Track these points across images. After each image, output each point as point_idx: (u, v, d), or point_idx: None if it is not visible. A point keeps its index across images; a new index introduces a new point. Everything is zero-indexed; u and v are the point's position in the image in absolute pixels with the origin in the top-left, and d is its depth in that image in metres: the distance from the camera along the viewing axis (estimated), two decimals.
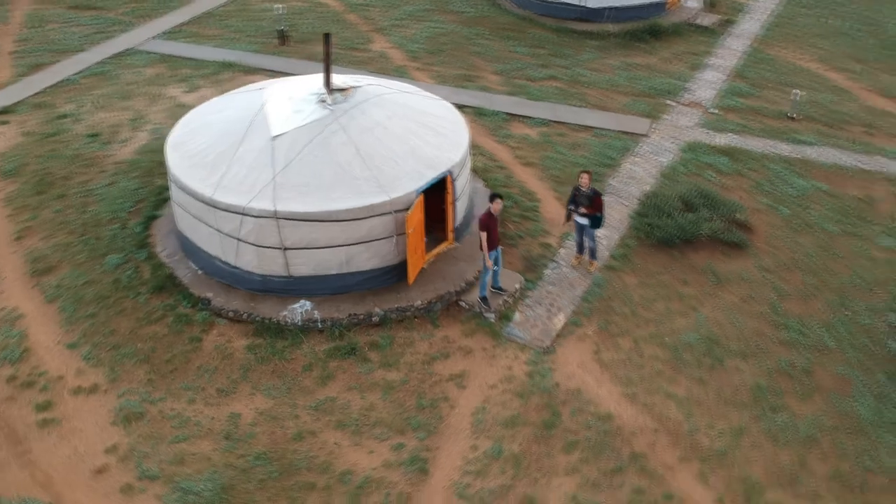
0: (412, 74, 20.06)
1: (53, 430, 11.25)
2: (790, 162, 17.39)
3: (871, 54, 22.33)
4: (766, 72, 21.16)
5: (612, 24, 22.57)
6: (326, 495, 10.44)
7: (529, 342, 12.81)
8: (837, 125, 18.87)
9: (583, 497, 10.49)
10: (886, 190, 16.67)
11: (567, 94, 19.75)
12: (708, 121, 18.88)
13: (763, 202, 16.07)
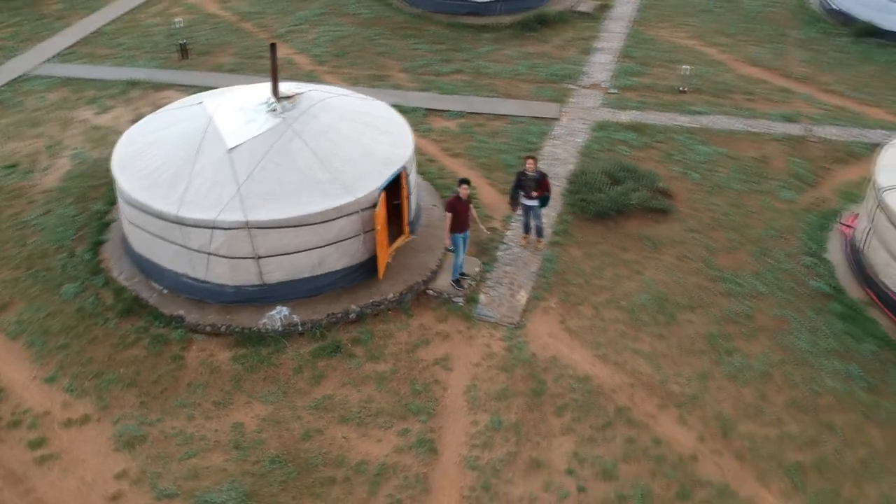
0: (323, 78, 20.36)
1: (54, 464, 11.07)
2: (691, 131, 18.99)
3: (734, 28, 24.47)
4: (649, 51, 22.83)
5: (503, 16, 23.62)
6: (348, 487, 10.85)
7: (500, 320, 13.61)
8: (722, 94, 20.69)
9: (582, 453, 11.40)
10: (776, 148, 18.52)
11: (475, 85, 20.63)
12: (609, 100, 20.26)
13: (675, 170, 17.52)
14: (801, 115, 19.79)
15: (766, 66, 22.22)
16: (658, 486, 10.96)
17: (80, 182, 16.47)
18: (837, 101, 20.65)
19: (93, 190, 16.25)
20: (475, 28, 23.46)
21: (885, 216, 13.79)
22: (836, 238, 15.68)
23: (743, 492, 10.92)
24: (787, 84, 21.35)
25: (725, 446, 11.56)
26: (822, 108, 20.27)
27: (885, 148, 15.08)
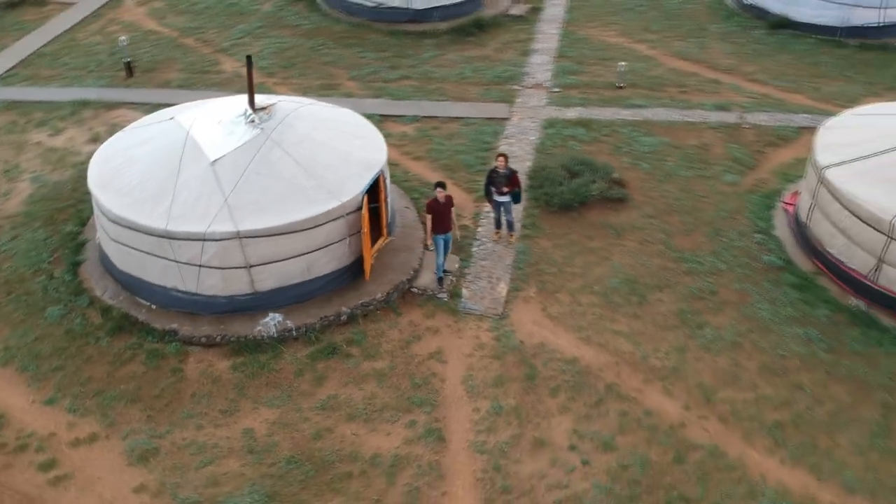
0: (274, 89, 20.56)
1: (69, 484, 11.10)
2: (634, 124, 20.01)
3: (658, 25, 25.75)
4: (583, 50, 23.85)
5: (441, 23, 24.27)
6: (365, 480, 11.26)
7: (484, 312, 14.20)
8: (657, 88, 21.83)
9: (581, 429, 12.10)
10: (713, 136, 19.71)
11: (425, 90, 21.20)
12: (554, 99, 21.13)
13: (626, 161, 18.48)
14: (732, 104, 21.08)
15: (693, 59, 23.52)
16: (654, 454, 11.74)
17: (44, 205, 16.27)
18: (762, 89, 22.05)
19: (59, 212, 16.09)
20: (415, 35, 24.02)
21: (827, 192, 15.00)
22: (780, 215, 16.88)
23: (731, 452, 11.80)
24: (714, 75, 22.66)
25: (709, 412, 12.44)
26: (749, 96, 21.62)
27: (821, 130, 16.35)
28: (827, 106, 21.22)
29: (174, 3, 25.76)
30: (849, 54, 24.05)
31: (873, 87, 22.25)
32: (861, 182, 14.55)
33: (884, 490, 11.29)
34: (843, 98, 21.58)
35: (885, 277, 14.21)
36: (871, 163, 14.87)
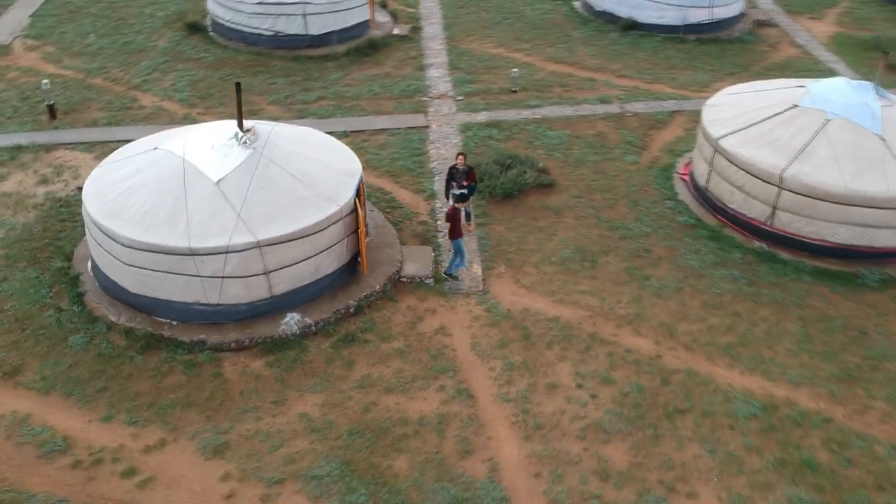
0: (201, 119, 21.44)
1: (156, 485, 11.97)
2: (536, 122, 22.64)
3: (527, 35, 28.68)
4: (471, 61, 26.29)
5: (338, 45, 25.92)
6: (420, 438, 12.90)
7: (469, 291, 16.17)
8: (544, 89, 24.63)
9: (581, 371, 14.33)
10: (605, 125, 22.70)
11: (344, 108, 22.81)
12: (461, 106, 23.39)
13: (541, 153, 21.02)
14: (611, 97, 24.24)
15: (566, 62, 26.57)
16: (645, 381, 14.18)
17: (22, 246, 16.50)
18: (629, 82, 25.40)
19: (40, 251, 16.41)
20: (316, 59, 25.52)
21: (723, 158, 18.18)
22: (679, 184, 19.99)
23: (701, 371, 14.44)
24: (588, 74, 25.80)
25: (675, 343, 15.06)
26: (622, 89, 24.89)
27: (705, 109, 19.57)
28: (685, 92, 24.89)
29: (65, 46, 25.75)
30: (690, 48, 28.03)
31: (717, 74, 26.21)
32: (750, 147, 17.82)
33: (818, 380, 14.31)
34: (696, 84, 25.35)
35: (780, 221, 17.52)
36: (753, 131, 18.19)
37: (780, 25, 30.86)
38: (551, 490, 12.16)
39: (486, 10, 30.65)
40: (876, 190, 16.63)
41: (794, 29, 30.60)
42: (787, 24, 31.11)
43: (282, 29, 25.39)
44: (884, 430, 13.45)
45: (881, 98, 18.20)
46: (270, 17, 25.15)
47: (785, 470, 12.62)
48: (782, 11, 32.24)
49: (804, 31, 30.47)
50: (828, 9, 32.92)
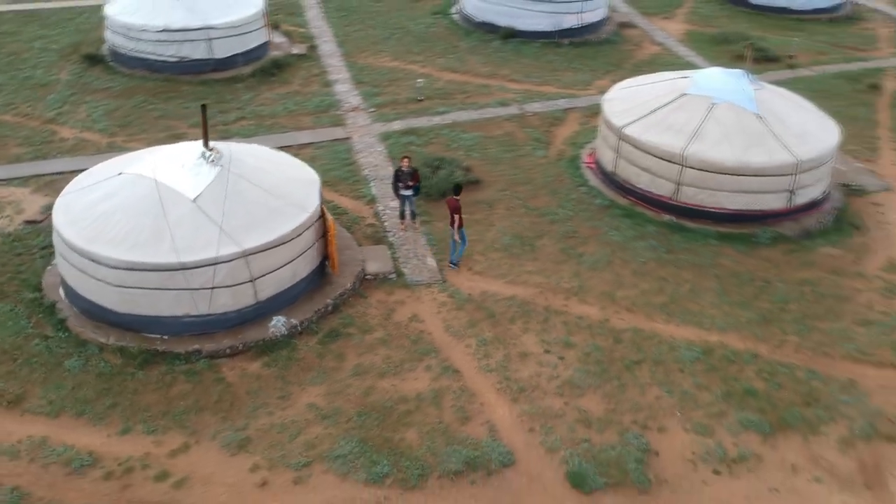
0: (128, 147, 21.73)
1: (192, 483, 12.71)
2: (448, 126, 24.37)
3: (417, 48, 30.40)
4: (372, 75, 27.72)
5: (243, 67, 26.66)
6: (422, 412, 14.24)
7: (429, 281, 17.63)
8: (447, 97, 26.41)
9: (545, 339, 16.10)
10: (510, 125, 24.75)
11: (265, 126, 23.68)
12: (375, 117, 24.79)
13: (461, 154, 22.75)
14: (508, 100, 26.34)
15: (460, 71, 28.49)
16: (600, 341, 16.13)
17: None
18: (521, 86, 27.62)
19: (5, 285, 16.49)
20: (224, 81, 26.16)
21: (628, 144, 20.54)
22: (587, 172, 22.24)
23: (645, 328, 16.55)
24: (482, 81, 27.81)
25: (617, 308, 17.12)
26: (516, 92, 27.05)
27: (604, 104, 21.91)
28: (572, 91, 27.39)
29: None
30: (566, 51, 30.66)
31: (595, 73, 28.93)
32: (651, 132, 20.26)
33: (740, 324, 16.72)
34: (580, 84, 27.92)
35: (684, 195, 20.04)
36: (651, 119, 20.66)
37: (639, 26, 34.14)
38: (546, 441, 13.82)
39: (372, 27, 32.14)
40: (761, 161, 19.42)
41: (652, 28, 33.95)
42: (645, 24, 34.45)
43: (187, 54, 25.88)
44: (800, 358, 15.99)
45: (752, 83, 21.14)
46: (175, 43, 25.59)
47: (731, 399, 14.86)
48: (638, 13, 35.62)
49: (660, 30, 33.88)
50: (676, 9, 36.64)
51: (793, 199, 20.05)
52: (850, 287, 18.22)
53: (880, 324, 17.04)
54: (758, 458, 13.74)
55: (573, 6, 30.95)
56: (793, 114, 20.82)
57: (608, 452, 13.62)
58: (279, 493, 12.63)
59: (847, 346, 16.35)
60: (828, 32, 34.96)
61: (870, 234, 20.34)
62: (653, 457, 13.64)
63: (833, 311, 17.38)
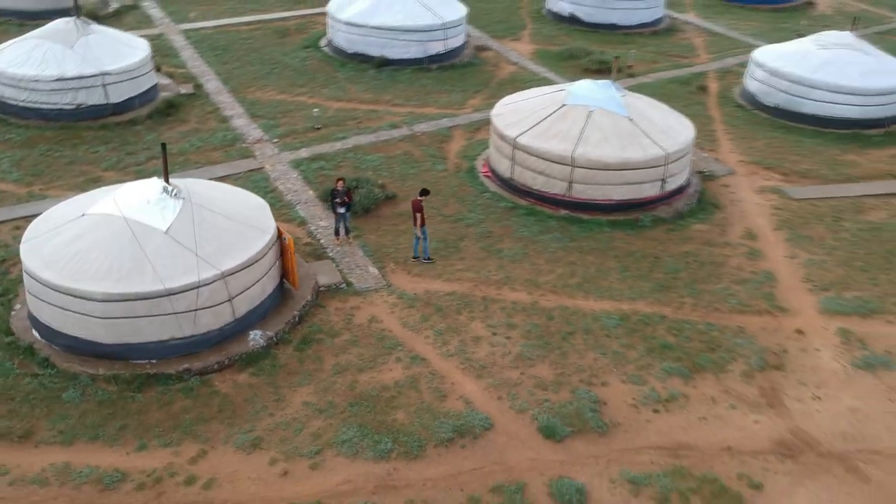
0: (48, 195, 22.17)
1: (219, 483, 13.99)
2: (352, 150, 26.31)
3: (300, 80, 31.98)
4: (264, 108, 29.16)
5: (140, 108, 27.36)
6: (405, 396, 16.15)
7: (376, 287, 19.54)
8: (342, 123, 28.33)
9: (490, 323, 18.43)
10: (406, 145, 27.02)
11: (178, 163, 24.59)
12: (281, 146, 26.33)
13: (371, 174, 24.74)
14: (397, 123, 28.61)
15: (344, 99, 30.48)
16: (536, 320, 18.66)
17: None
18: (404, 109, 29.97)
19: None
20: (124, 124, 26.75)
21: (523, 152, 23.36)
22: (486, 181, 24.87)
23: (569, 305, 19.26)
24: (369, 107, 29.94)
25: (543, 291, 19.75)
26: (401, 116, 29.37)
27: (494, 119, 24.61)
28: (450, 111, 30.08)
29: None
30: (436, 75, 33.36)
31: (466, 93, 31.78)
32: (542, 140, 23.17)
33: (644, 293, 19.77)
34: (455, 104, 30.67)
35: (576, 191, 23.05)
36: (539, 128, 23.58)
37: (492, 48, 37.44)
38: (514, 405, 16.12)
39: (250, 63, 33.51)
40: (638, 156, 22.75)
41: (505, 50, 37.34)
42: (498, 46, 37.81)
43: (84, 101, 26.34)
44: (697, 315, 19.20)
45: (619, 91, 24.57)
46: (71, 91, 26.01)
47: (653, 353, 17.78)
48: (489, 37, 38.95)
49: (512, 50, 37.32)
50: (520, 31, 40.32)
51: (664, 186, 23.55)
52: (722, 254, 21.79)
53: (752, 281, 20.62)
54: (685, 396, 16.66)
55: (437, 34, 33.71)
56: (655, 114, 24.41)
57: (567, 407, 16.09)
58: (301, 480, 14.17)
59: (731, 301, 19.75)
60: (653, 44, 39.71)
61: (727, 210, 24.19)
62: (603, 406, 16.25)
63: (713, 274, 20.82)
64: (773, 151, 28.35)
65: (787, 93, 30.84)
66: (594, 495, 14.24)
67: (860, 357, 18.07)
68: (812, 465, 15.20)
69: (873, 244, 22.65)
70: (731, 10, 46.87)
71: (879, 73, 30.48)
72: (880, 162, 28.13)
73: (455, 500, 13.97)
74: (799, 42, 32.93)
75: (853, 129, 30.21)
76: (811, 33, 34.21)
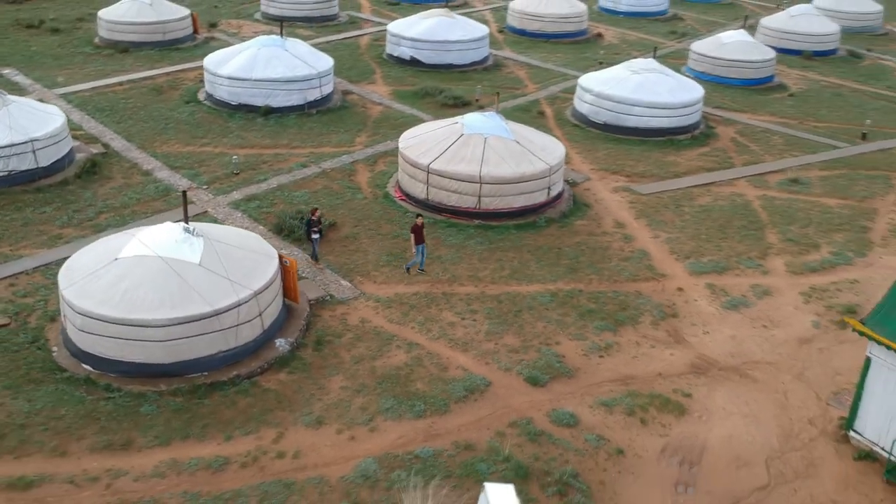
0: (18, 255, 23.86)
1: (306, 453, 17.32)
2: (278, 189, 29.61)
3: (199, 132, 34.45)
4: (179, 160, 31.58)
5: (68, 168, 29.11)
6: (416, 372, 20.16)
7: (354, 296, 23.35)
8: (256, 167, 31.49)
9: (457, 311, 22.86)
10: (322, 181, 30.75)
11: (125, 215, 26.76)
12: (214, 191, 29.18)
13: (305, 208, 28.29)
14: (305, 163, 32.25)
15: (247, 146, 33.50)
16: (490, 304, 23.30)
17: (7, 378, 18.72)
18: (304, 150, 33.58)
19: (31, 374, 18.87)
20: (56, 185, 28.26)
21: (437, 176, 28.03)
22: (402, 203, 29.23)
23: (510, 290, 24.05)
24: (273, 151, 33.25)
25: (485, 283, 24.41)
26: (304, 156, 32.97)
27: (404, 150, 29.06)
28: (345, 148, 34.15)
29: None
30: (318, 118, 37.25)
31: (350, 132, 35.92)
32: (451, 164, 27.96)
33: (560, 275, 25.05)
34: (346, 142, 34.77)
35: (485, 203, 28.02)
36: (446, 155, 28.33)
37: (355, 92, 41.80)
38: (500, 366, 20.64)
39: (142, 120, 35.66)
40: (530, 170, 28.12)
41: (366, 92, 41.83)
42: (358, 90, 42.21)
43: (15, 167, 27.77)
44: (604, 287, 24.64)
45: (503, 120, 29.93)
46: (2, 158, 27.40)
47: (584, 318, 22.96)
48: (348, 82, 43.22)
49: (373, 93, 41.88)
50: (373, 75, 44.94)
51: (550, 193, 29.11)
52: (604, 241, 27.58)
53: (633, 258, 26.49)
54: (617, 344, 21.98)
55: (314, 82, 37.64)
56: (533, 136, 30.01)
57: (539, 362, 20.87)
58: (366, 441, 17.86)
59: (624, 274, 25.46)
60: (487, 79, 45.79)
61: (595, 208, 30.15)
62: (563, 358, 21.17)
63: (604, 256, 26.50)
64: (612, 159, 34.92)
65: (613, 111, 37.73)
66: (582, 417, 19.07)
67: (725, 301, 24.30)
68: (718, 377, 20.97)
69: (708, 222, 29.42)
70: (539, 45, 54.24)
71: (682, 90, 38.21)
72: (693, 160, 35.52)
73: (485, 436, 18.25)
74: (614, 69, 40.14)
75: (667, 136, 37.56)
76: (608, 60, 41.62)
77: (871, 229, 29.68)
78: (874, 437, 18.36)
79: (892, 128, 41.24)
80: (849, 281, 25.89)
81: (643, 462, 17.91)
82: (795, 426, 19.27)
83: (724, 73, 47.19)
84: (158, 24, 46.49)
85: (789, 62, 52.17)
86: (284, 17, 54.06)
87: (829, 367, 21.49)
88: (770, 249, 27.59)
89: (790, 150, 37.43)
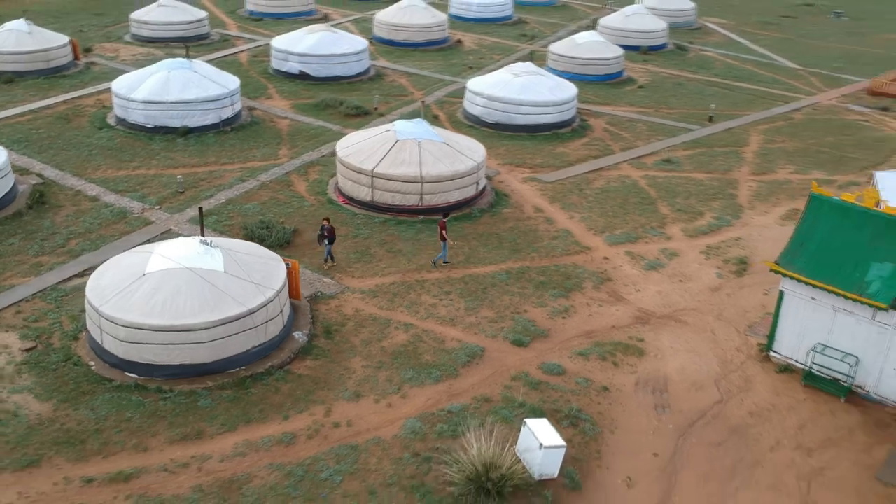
0: (12, 283, 24.75)
1: (355, 421, 20.11)
2: (229, 203, 31.49)
3: (124, 156, 35.45)
4: (119, 183, 32.61)
5: (18, 203, 29.60)
6: (420, 347, 23.29)
7: (340, 290, 26.05)
8: (196, 185, 33.10)
9: (434, 294, 26.13)
10: (266, 192, 32.93)
11: (93, 240, 27.87)
12: (167, 210, 30.70)
13: (261, 218, 30.45)
14: (243, 177, 34.24)
15: (179, 165, 34.90)
16: (459, 286, 26.73)
17: (58, 392, 20.12)
18: (235, 166, 35.46)
19: (81, 387, 20.37)
20: (11, 217, 28.77)
21: (381, 179, 31.07)
22: (346, 206, 32.02)
23: (472, 273, 27.60)
24: (206, 169, 34.88)
25: (448, 269, 27.85)
26: (238, 171, 34.92)
27: (344, 158, 31.85)
28: (273, 161, 36.36)
29: None
30: (234, 135, 39.03)
31: (271, 146, 38.04)
32: (393, 168, 31.11)
33: (508, 257, 28.85)
34: (271, 155, 36.93)
35: (426, 200, 31.35)
36: (387, 160, 31.39)
37: (258, 108, 43.73)
38: (487, 335, 24.14)
39: (64, 149, 36.13)
40: (462, 168, 31.73)
41: (270, 108, 43.88)
42: (260, 106, 44.15)
43: None
44: (545, 262, 28.68)
45: (429, 125, 33.36)
46: None
47: (540, 288, 26.89)
48: (248, 98, 45.00)
49: (275, 107, 43.99)
50: (266, 90, 46.90)
51: (478, 186, 32.87)
52: (532, 224, 31.69)
53: (560, 237, 30.75)
54: (572, 307, 26.08)
55: (227, 101, 39.41)
56: (458, 138, 33.66)
57: (516, 327, 24.59)
58: (401, 406, 20.84)
59: (557, 250, 29.66)
60: (375, 88, 48.93)
61: (514, 197, 34.24)
62: (535, 322, 24.99)
63: (536, 237, 30.58)
64: (513, 154, 39.19)
65: (503, 111, 42.02)
66: (566, 366, 22.95)
67: (645, 264, 29.03)
68: (658, 324, 25.51)
69: (609, 201, 34.25)
70: (409, 54, 57.95)
71: (560, 89, 43.11)
72: (579, 149, 40.46)
73: (496, 390, 21.72)
74: (497, 73, 44.44)
75: (552, 130, 42.33)
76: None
77: (737, 196, 35.56)
78: (789, 354, 23.44)
79: (730, 110, 48.22)
80: (733, 238, 31.38)
81: (625, 394, 22.00)
82: (728, 354, 24.05)
83: (580, 71, 52.75)
84: (40, 52, 46.21)
85: (630, 57, 58.66)
86: (158, 39, 54.76)
87: (739, 307, 26.57)
88: (666, 219, 32.69)
89: (655, 134, 43.25)
